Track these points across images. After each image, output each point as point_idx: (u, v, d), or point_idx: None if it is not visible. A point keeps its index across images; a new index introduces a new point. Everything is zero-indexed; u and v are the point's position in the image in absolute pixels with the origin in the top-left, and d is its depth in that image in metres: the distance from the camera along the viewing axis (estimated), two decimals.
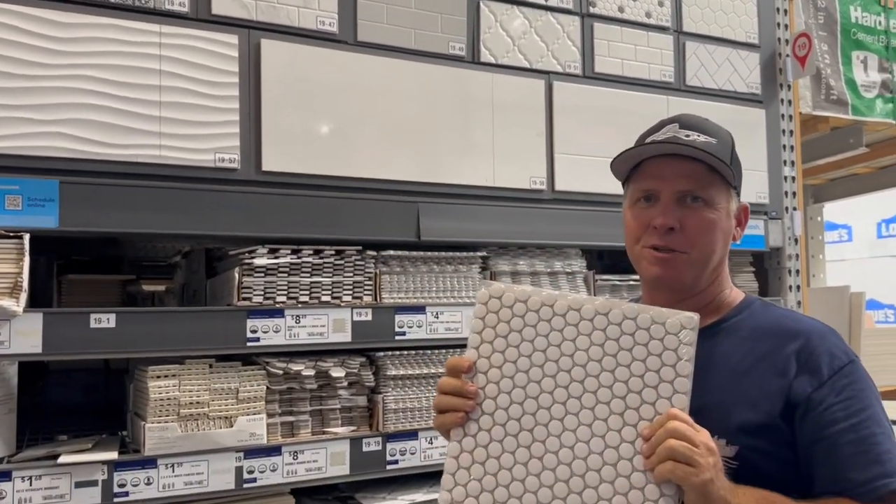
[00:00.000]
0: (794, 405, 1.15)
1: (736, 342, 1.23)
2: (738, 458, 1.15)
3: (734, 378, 1.20)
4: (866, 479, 1.09)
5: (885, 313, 8.18)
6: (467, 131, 2.07)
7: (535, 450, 1.10)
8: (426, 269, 2.03)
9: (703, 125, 1.27)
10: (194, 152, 1.74)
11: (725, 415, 1.17)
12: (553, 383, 1.12)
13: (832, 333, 1.22)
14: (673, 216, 1.22)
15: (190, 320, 1.72)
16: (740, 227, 1.31)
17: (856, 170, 3.73)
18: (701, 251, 1.23)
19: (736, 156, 1.28)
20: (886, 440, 1.12)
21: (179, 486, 1.69)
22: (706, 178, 1.23)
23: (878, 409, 1.16)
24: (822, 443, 1.13)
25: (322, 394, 1.88)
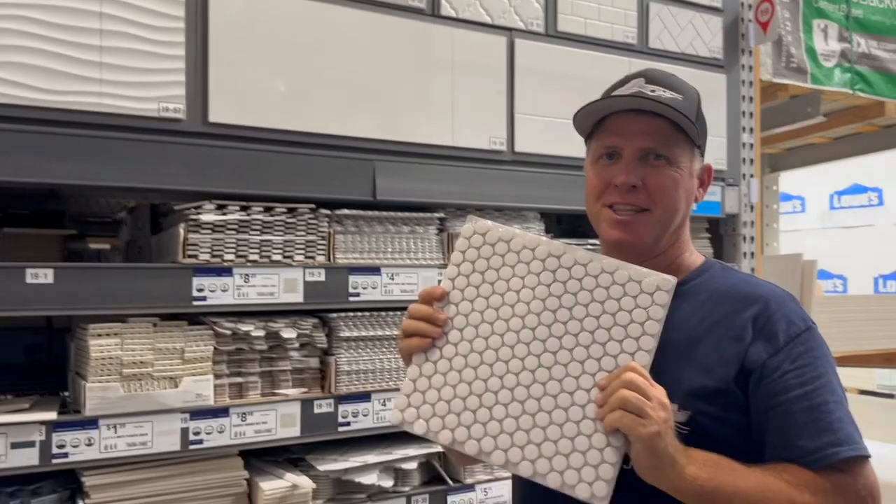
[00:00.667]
0: (748, 371, 1.14)
1: (693, 306, 1.21)
2: (690, 424, 1.13)
3: (690, 343, 1.18)
4: (817, 447, 1.08)
5: (833, 283, 8.40)
6: (426, 88, 2.01)
7: (491, 384, 1.10)
8: (382, 230, 1.98)
9: (670, 80, 1.24)
10: (137, 101, 1.66)
11: (679, 380, 1.15)
12: (521, 323, 1.12)
13: (791, 299, 1.21)
14: (635, 174, 1.19)
15: (132, 277, 1.66)
16: (703, 188, 1.28)
17: (812, 140, 3.77)
18: (663, 210, 1.21)
19: (702, 114, 1.25)
20: (839, 408, 1.12)
21: (122, 447, 1.64)
22: (670, 136, 1.20)
23: (833, 377, 1.15)
24: (775, 410, 1.12)
25: (272, 355, 1.83)
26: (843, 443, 1.09)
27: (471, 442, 1.09)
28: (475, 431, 1.09)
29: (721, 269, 1.28)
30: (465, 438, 1.09)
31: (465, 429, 1.10)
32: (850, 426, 1.11)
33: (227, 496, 1.76)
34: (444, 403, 1.11)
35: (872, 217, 8.45)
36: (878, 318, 2.98)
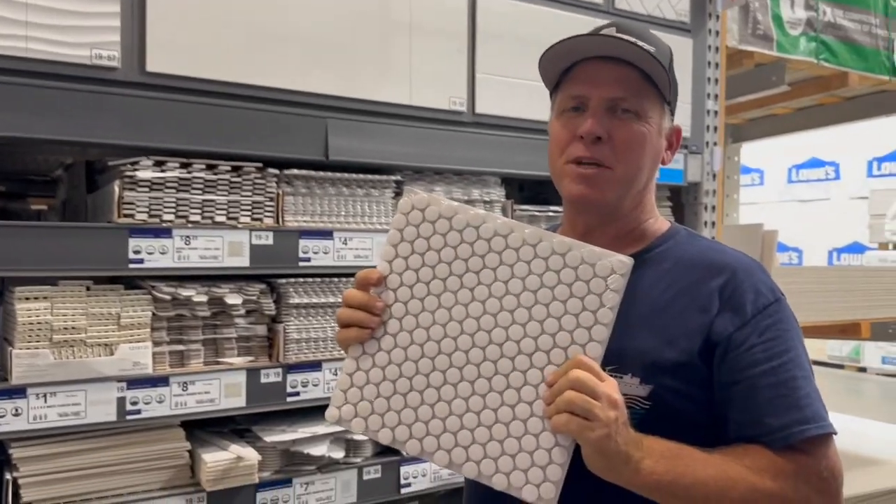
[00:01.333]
0: (713, 344, 1.09)
1: (658, 274, 1.15)
2: (651, 399, 1.08)
3: (653, 313, 1.12)
4: (783, 425, 1.04)
5: (789, 256, 8.55)
6: (383, 43, 1.91)
7: (433, 379, 1.02)
8: (335, 192, 1.89)
9: (642, 32, 1.15)
10: (67, 46, 1.53)
11: (641, 352, 1.09)
12: (464, 312, 1.02)
13: (759, 269, 1.16)
14: (601, 125, 1.11)
15: (63, 237, 1.54)
16: (671, 150, 1.21)
17: (775, 110, 3.76)
18: (627, 167, 1.13)
19: (673, 72, 1.18)
20: (807, 384, 1.08)
21: (53, 417, 1.54)
22: (641, 88, 1.12)
23: (801, 351, 1.11)
24: (741, 385, 1.08)
25: (216, 322, 1.74)
26: (810, 420, 1.05)
27: (412, 442, 1.01)
28: (416, 430, 1.01)
29: (687, 236, 1.22)
30: (405, 438, 1.01)
31: (405, 427, 1.01)
32: (817, 402, 1.07)
33: (167, 468, 1.68)
34: (383, 400, 1.03)
35: (828, 191, 8.59)
36: (834, 290, 2.99)
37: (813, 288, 2.99)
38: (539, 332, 1.00)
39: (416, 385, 1.02)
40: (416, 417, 1.02)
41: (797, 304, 3.07)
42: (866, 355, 6.73)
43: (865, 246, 7.16)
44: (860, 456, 3.47)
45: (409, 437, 1.02)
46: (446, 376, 1.02)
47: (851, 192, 8.19)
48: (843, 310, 3.05)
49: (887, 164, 7.97)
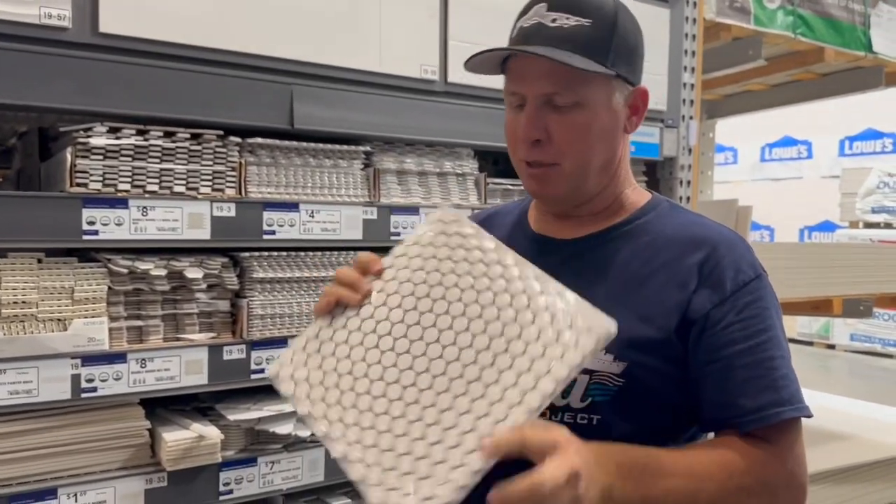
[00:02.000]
0: (691, 322, 1.05)
1: (636, 248, 1.11)
2: (624, 376, 1.05)
3: (630, 288, 1.08)
4: (758, 406, 1.02)
5: (761, 234, 8.62)
6: (352, 5, 1.83)
7: (372, 372, 0.98)
8: (301, 163, 1.82)
9: (576, 2, 1.07)
10: (13, 4, 1.44)
11: (617, 328, 1.06)
12: (436, 334, 0.98)
13: (741, 243, 1.11)
14: (537, 125, 1.07)
15: (12, 207, 1.46)
16: (636, 116, 1.14)
17: (751, 86, 3.73)
18: (573, 161, 1.08)
19: (622, 36, 1.08)
20: (784, 365, 1.05)
21: (3, 395, 1.47)
22: (574, 75, 1.04)
23: (780, 330, 1.08)
24: (716, 364, 1.04)
25: (176, 297, 1.68)
26: (786, 402, 1.02)
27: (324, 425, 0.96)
28: (335, 428, 0.95)
29: (669, 208, 1.17)
30: (322, 421, 0.96)
31: (324, 410, 0.97)
32: (794, 384, 1.05)
33: (126, 447, 1.62)
34: (318, 373, 1.00)
35: (801, 170, 8.65)
36: (806, 266, 2.99)
37: (786, 264, 2.99)
38: (491, 361, 0.94)
39: (356, 372, 0.98)
40: (340, 414, 0.96)
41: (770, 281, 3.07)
42: (835, 332, 6.83)
43: (836, 224, 7.23)
44: (828, 431, 3.51)
45: (324, 420, 0.97)
46: (385, 376, 0.97)
47: (823, 171, 8.26)
48: (815, 286, 3.06)
49: (859, 143, 8.05)
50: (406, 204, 1.96)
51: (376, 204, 1.91)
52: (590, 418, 1.07)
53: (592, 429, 1.07)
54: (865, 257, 3.23)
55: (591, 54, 1.05)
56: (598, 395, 1.07)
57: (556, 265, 1.14)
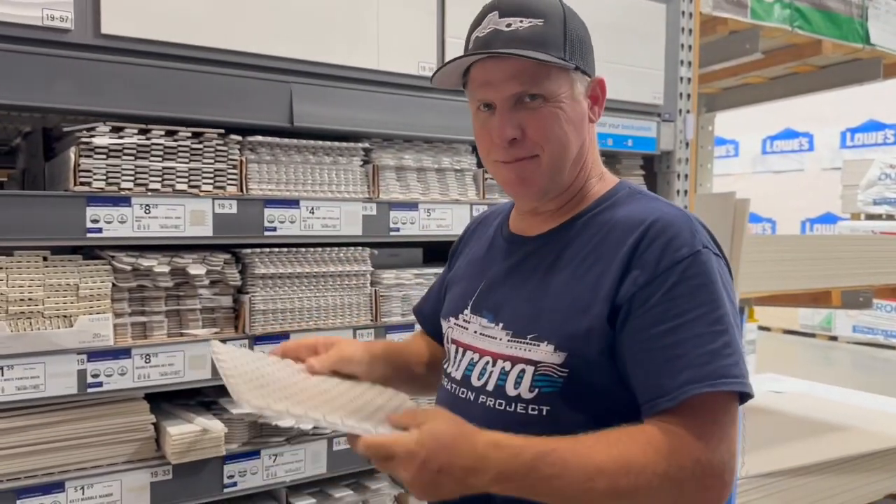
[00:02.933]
0: (618, 307, 1.05)
1: (583, 241, 1.14)
2: (567, 367, 1.07)
3: (572, 280, 1.11)
4: (676, 385, 0.99)
5: (763, 226, 8.63)
6: (350, 4, 1.85)
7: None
8: (301, 160, 1.85)
9: (527, 5, 1.12)
10: (17, 6, 1.46)
11: (557, 319, 1.09)
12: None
13: (683, 220, 1.09)
14: (511, 125, 1.12)
15: (18, 206, 1.49)
16: (597, 106, 1.19)
17: (749, 79, 3.74)
18: (551, 150, 1.13)
19: (573, 30, 1.14)
20: (712, 340, 1.00)
21: (11, 391, 1.50)
22: (539, 72, 1.10)
23: (716, 307, 1.03)
24: (641, 345, 1.03)
25: (179, 293, 1.70)
26: (704, 378, 0.99)
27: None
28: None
29: (626, 195, 1.18)
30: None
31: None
32: (722, 360, 1.00)
33: (131, 441, 1.65)
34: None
35: (802, 162, 8.65)
36: (806, 258, 3.01)
37: (785, 257, 3.01)
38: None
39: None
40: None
41: (770, 273, 3.10)
42: (837, 324, 6.83)
43: (838, 216, 7.23)
44: (830, 423, 3.54)
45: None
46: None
47: (825, 163, 8.25)
48: (814, 278, 3.08)
49: (860, 135, 8.04)
50: (405, 200, 1.98)
51: (375, 200, 1.93)
52: (539, 409, 1.09)
53: (543, 419, 1.09)
54: (864, 249, 3.25)
55: (550, 51, 1.10)
56: (545, 387, 1.09)
57: (519, 262, 1.21)
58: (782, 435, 3.33)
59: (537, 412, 1.09)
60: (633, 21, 2.30)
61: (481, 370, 1.17)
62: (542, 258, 1.18)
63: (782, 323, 7.12)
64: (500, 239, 1.30)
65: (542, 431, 1.03)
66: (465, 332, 1.24)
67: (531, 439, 0.99)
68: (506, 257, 1.25)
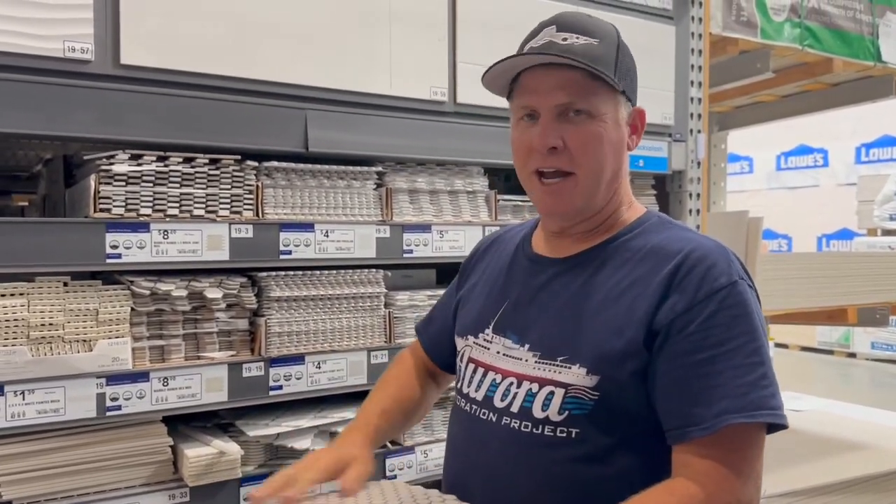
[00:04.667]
0: (656, 332, 1.06)
1: (617, 265, 1.15)
2: (598, 389, 1.07)
3: (606, 303, 1.11)
4: (713, 414, 1.00)
5: (778, 243, 8.58)
6: (362, 32, 1.89)
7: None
8: (315, 184, 1.88)
9: (584, 24, 1.15)
10: (39, 39, 1.50)
11: (589, 343, 1.09)
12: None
13: (719, 251, 1.11)
14: (553, 134, 1.12)
15: (39, 233, 1.52)
16: (636, 135, 1.20)
17: (761, 97, 3.75)
18: (588, 169, 1.14)
19: (625, 56, 1.17)
20: (747, 373, 1.01)
21: (31, 414, 1.53)
22: (587, 87, 1.11)
23: (751, 339, 1.04)
24: (674, 373, 1.04)
25: (197, 316, 1.73)
26: (741, 409, 0.99)
27: None
28: None
29: (657, 224, 1.20)
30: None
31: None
32: (759, 391, 1.01)
33: (150, 464, 1.66)
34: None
35: (817, 178, 8.61)
36: (820, 276, 3.00)
37: (800, 274, 3.00)
38: None
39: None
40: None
41: (785, 291, 3.08)
42: (856, 341, 6.76)
43: (854, 232, 7.19)
44: (850, 441, 3.49)
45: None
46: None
47: (840, 179, 8.21)
48: (829, 296, 3.06)
49: (875, 150, 8.00)
50: (418, 222, 2.00)
51: (389, 223, 1.96)
52: (568, 431, 1.10)
53: (571, 442, 1.09)
54: (880, 266, 3.23)
55: (601, 68, 1.11)
56: (574, 409, 1.09)
57: (545, 283, 1.21)
58: (801, 453, 3.29)
59: (565, 434, 1.10)
60: (643, 42, 2.32)
61: (504, 391, 1.17)
62: (571, 280, 1.18)
63: (800, 340, 7.06)
64: (522, 259, 1.29)
65: (568, 453, 1.05)
66: (486, 353, 1.24)
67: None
68: (531, 278, 1.24)
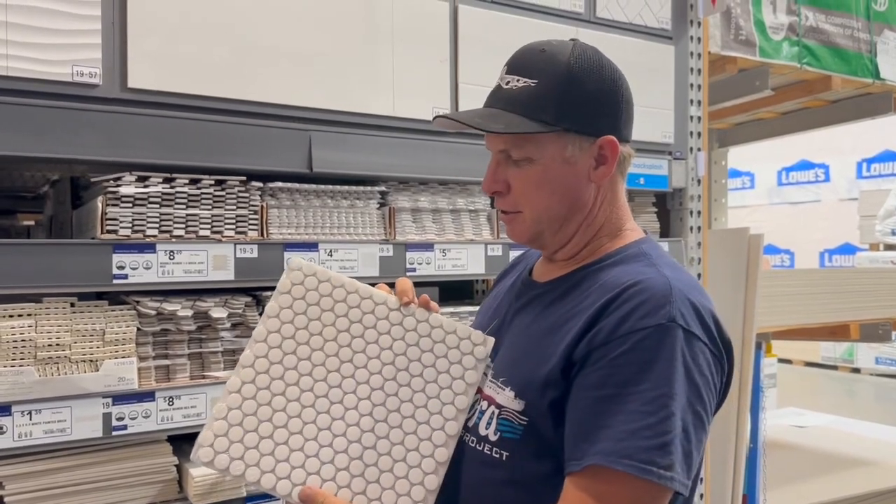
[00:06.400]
0: (574, 362, 1.05)
1: (576, 293, 1.14)
2: (526, 415, 1.08)
3: (550, 331, 1.12)
4: (592, 452, 0.97)
5: (781, 258, 8.58)
6: (365, 55, 1.92)
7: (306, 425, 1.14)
8: (319, 204, 1.90)
9: (529, 63, 1.14)
10: (48, 64, 1.53)
11: (522, 367, 1.11)
12: (338, 373, 1.17)
13: (663, 291, 1.03)
14: (496, 180, 1.18)
15: (47, 254, 1.54)
16: (604, 165, 1.15)
17: (760, 114, 3.78)
18: (532, 209, 1.16)
19: (575, 89, 1.12)
20: (637, 420, 0.96)
21: (38, 434, 1.54)
22: (520, 134, 1.12)
23: (650, 387, 0.97)
24: (574, 403, 1.03)
25: (202, 336, 1.74)
26: (613, 453, 0.95)
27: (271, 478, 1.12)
28: (281, 469, 1.12)
29: (634, 255, 1.16)
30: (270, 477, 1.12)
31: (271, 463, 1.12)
32: (640, 440, 0.95)
33: (155, 483, 1.67)
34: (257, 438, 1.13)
35: (819, 193, 8.63)
36: (822, 293, 3.01)
37: (801, 290, 3.01)
38: (409, 396, 1.15)
39: (291, 427, 1.13)
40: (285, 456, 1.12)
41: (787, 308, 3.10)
42: (860, 356, 6.74)
43: (856, 247, 7.19)
44: (855, 457, 3.49)
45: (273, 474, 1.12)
46: (317, 422, 1.14)
47: (841, 194, 8.23)
48: (831, 312, 3.07)
49: (876, 165, 8.02)
50: (421, 241, 2.02)
51: (392, 241, 1.97)
52: (500, 453, 1.10)
53: (503, 464, 1.10)
54: (882, 281, 3.24)
55: (531, 113, 1.11)
56: (507, 432, 1.09)
57: (522, 306, 1.24)
58: (805, 470, 3.29)
59: (498, 455, 1.10)
60: (643, 62, 2.35)
61: (474, 406, 1.20)
62: (536, 305, 1.20)
63: (804, 355, 7.04)
64: (520, 281, 1.33)
65: (499, 475, 1.07)
66: None
67: None
68: (516, 300, 1.28)
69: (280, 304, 1.19)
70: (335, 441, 1.13)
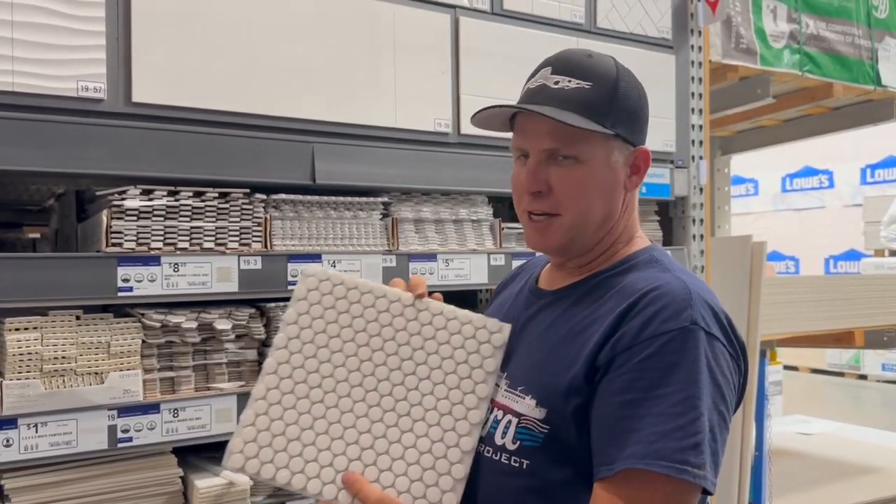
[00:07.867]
0: (597, 368, 1.05)
1: (592, 300, 1.15)
2: (548, 423, 1.08)
3: (568, 338, 1.12)
4: (623, 456, 0.98)
5: (786, 264, 8.56)
6: (367, 67, 1.93)
7: (333, 428, 1.16)
8: (322, 215, 1.91)
9: (580, 66, 1.15)
10: (53, 80, 1.55)
11: (544, 375, 1.10)
12: (359, 370, 1.18)
13: (682, 295, 1.05)
14: (538, 179, 1.14)
15: (52, 268, 1.55)
16: (637, 175, 1.19)
17: (763, 122, 3.78)
18: (573, 213, 1.15)
19: (623, 98, 1.16)
20: (667, 422, 0.97)
21: (44, 447, 1.55)
22: (575, 133, 1.12)
23: (678, 389, 0.98)
24: (599, 410, 1.03)
25: (206, 347, 1.75)
26: (644, 455, 0.96)
27: (302, 479, 1.13)
28: (310, 469, 1.13)
29: (646, 261, 1.18)
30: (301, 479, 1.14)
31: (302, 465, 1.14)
32: (672, 441, 0.96)
33: (160, 495, 1.68)
34: (285, 441, 1.15)
35: (823, 199, 8.62)
36: (827, 300, 3.01)
37: (806, 297, 3.01)
38: (430, 389, 1.16)
39: (317, 428, 1.16)
40: (314, 457, 1.14)
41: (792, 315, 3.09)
42: (866, 363, 6.71)
43: (861, 253, 7.17)
44: (862, 465, 3.48)
45: (303, 475, 1.13)
46: (343, 421, 1.16)
47: (846, 200, 8.22)
48: (836, 319, 3.07)
49: (881, 170, 8.01)
50: (423, 251, 2.03)
51: (395, 252, 1.98)
52: (520, 462, 1.10)
53: (523, 472, 1.09)
54: (886, 288, 3.23)
55: (589, 115, 1.12)
56: (526, 441, 1.09)
57: (533, 314, 1.24)
58: (811, 478, 3.28)
59: (518, 465, 1.10)
60: (644, 71, 2.34)
61: (487, 416, 1.20)
62: (550, 313, 1.20)
63: (810, 362, 7.02)
64: (526, 289, 1.32)
65: (519, 484, 1.06)
66: None
67: None
68: (525, 309, 1.27)
69: (297, 310, 1.21)
70: (361, 438, 1.14)
